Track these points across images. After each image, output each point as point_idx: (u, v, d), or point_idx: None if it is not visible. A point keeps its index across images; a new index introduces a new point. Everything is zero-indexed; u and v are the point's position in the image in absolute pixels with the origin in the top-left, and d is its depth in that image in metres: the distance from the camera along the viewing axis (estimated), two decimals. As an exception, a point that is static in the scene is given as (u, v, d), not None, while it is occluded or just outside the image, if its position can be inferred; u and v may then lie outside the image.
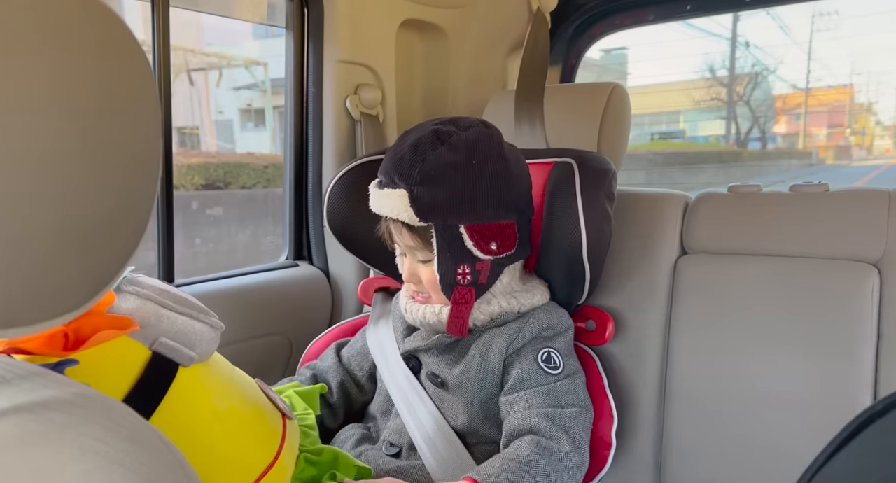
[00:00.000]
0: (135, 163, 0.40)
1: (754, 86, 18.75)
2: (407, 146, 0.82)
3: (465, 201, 0.80)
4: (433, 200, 0.79)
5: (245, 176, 5.70)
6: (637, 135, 17.60)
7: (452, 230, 0.81)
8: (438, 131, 0.81)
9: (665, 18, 1.50)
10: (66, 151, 0.35)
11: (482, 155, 0.81)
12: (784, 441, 0.92)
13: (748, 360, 0.95)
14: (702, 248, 1.03)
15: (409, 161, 0.80)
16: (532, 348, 0.86)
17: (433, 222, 0.81)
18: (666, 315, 1.01)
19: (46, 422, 0.29)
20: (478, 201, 0.81)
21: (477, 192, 0.80)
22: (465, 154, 0.80)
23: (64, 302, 0.36)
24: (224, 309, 1.11)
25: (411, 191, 0.79)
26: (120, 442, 0.30)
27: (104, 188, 0.38)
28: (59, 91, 0.34)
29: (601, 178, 0.92)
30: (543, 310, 0.90)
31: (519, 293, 0.89)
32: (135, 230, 0.40)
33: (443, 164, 0.79)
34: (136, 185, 0.40)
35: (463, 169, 0.80)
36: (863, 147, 22.01)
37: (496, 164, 0.82)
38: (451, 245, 0.82)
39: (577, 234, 0.89)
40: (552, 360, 0.86)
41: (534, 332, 0.87)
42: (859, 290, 0.90)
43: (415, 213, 0.80)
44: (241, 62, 8.32)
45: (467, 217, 0.81)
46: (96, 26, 0.37)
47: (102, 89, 0.37)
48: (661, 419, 1.01)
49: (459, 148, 0.80)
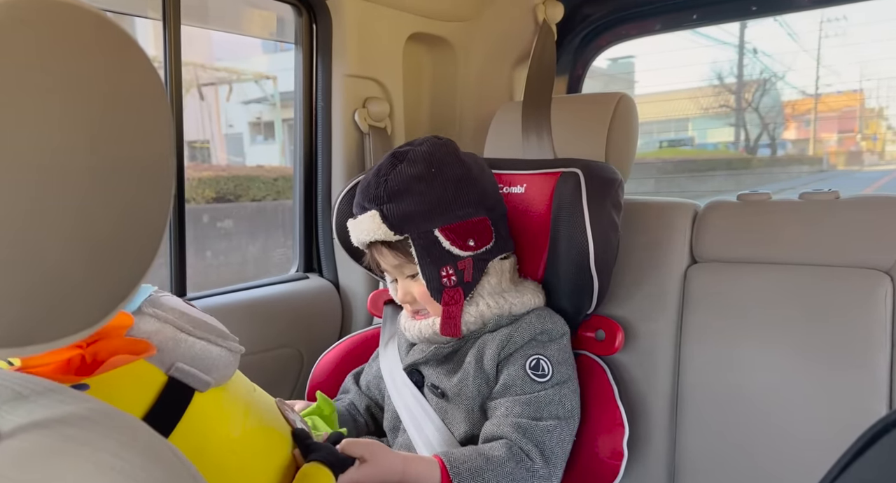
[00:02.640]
0: (148, 179, 0.40)
1: (763, 92, 18.68)
2: (371, 172, 0.88)
3: (433, 206, 0.84)
4: (403, 213, 0.83)
5: (255, 189, 5.73)
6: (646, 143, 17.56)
7: (428, 236, 0.84)
8: (395, 153, 0.88)
9: (671, 28, 1.50)
10: (80, 168, 0.35)
11: (440, 162, 0.86)
12: (798, 451, 0.91)
13: (760, 369, 0.94)
14: (712, 257, 1.02)
15: (374, 184, 0.85)
16: (523, 354, 0.86)
17: (408, 234, 0.84)
18: (677, 324, 1.01)
19: (63, 438, 0.29)
20: (445, 204, 0.85)
21: (443, 196, 0.84)
22: (425, 165, 0.85)
23: (79, 319, 0.37)
24: (236, 322, 1.11)
25: (381, 209, 0.84)
26: (135, 457, 0.30)
27: (118, 205, 0.38)
28: (74, 109, 0.35)
29: (607, 188, 0.92)
30: (537, 315, 0.90)
31: (507, 293, 0.90)
32: (149, 246, 0.41)
33: (405, 178, 0.84)
34: (149, 201, 0.41)
35: (425, 179, 0.84)
36: (874, 152, 21.83)
37: (455, 168, 0.87)
38: (431, 250, 0.84)
39: (584, 244, 0.89)
40: (541, 367, 0.86)
41: (526, 336, 0.87)
42: (872, 298, 0.90)
43: (388, 228, 0.83)
44: (250, 76, 8.40)
45: (439, 220, 0.84)
46: (109, 46, 0.38)
47: (115, 107, 0.38)
48: (673, 429, 1.00)
49: (417, 161, 0.85)
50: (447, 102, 1.45)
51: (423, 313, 0.91)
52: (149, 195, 0.41)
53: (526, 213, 0.96)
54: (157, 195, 0.41)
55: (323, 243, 1.32)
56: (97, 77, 0.36)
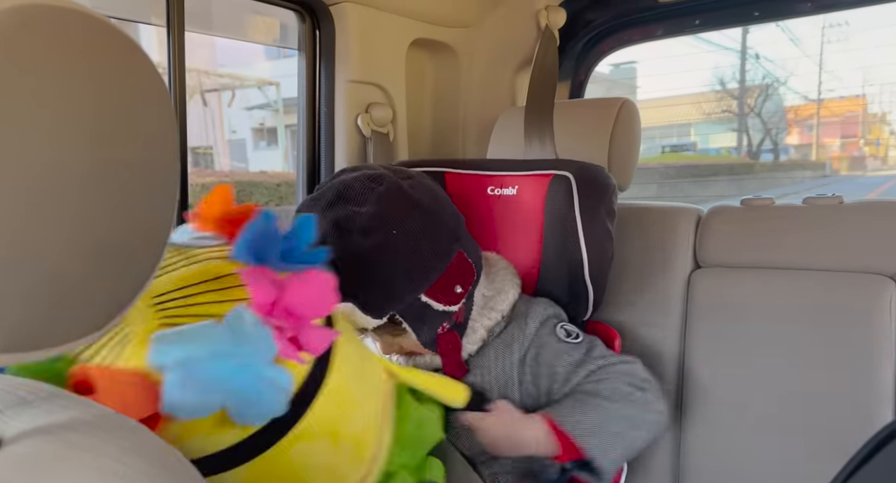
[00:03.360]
0: (153, 184, 0.40)
1: (765, 97, 18.69)
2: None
3: (411, 276, 0.73)
4: (379, 299, 0.72)
5: (258, 194, 5.75)
6: (648, 148, 17.58)
7: (416, 304, 0.75)
8: (335, 223, 0.71)
9: (674, 33, 1.51)
10: (84, 173, 0.35)
11: (397, 220, 0.72)
12: (804, 458, 0.90)
13: (765, 374, 0.93)
14: (715, 262, 1.02)
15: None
16: (546, 331, 0.83)
17: (395, 308, 0.74)
18: (680, 330, 1.01)
19: (66, 443, 0.29)
20: (421, 265, 0.73)
21: (416, 259, 0.73)
22: (381, 232, 0.71)
23: (83, 324, 0.37)
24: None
25: (358, 302, 0.71)
26: (139, 462, 0.30)
27: (122, 210, 0.38)
28: (78, 114, 0.35)
29: (601, 194, 0.90)
30: (536, 304, 0.86)
31: (491, 300, 0.84)
32: (153, 251, 0.41)
33: (363, 257, 0.70)
34: (154, 206, 0.41)
35: (386, 250, 0.71)
36: (877, 157, 21.82)
37: (414, 218, 0.73)
38: (423, 316, 0.76)
39: (577, 255, 0.87)
40: (569, 332, 0.84)
41: (535, 326, 0.84)
42: (877, 304, 0.89)
43: (373, 318, 0.73)
44: (253, 82, 8.43)
45: (422, 286, 0.74)
46: (114, 52, 0.38)
47: (120, 112, 0.38)
48: (677, 435, 1.00)
49: (370, 229, 0.71)
50: (450, 108, 1.45)
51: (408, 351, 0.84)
52: (153, 200, 0.41)
53: (518, 215, 0.95)
54: (162, 200, 0.41)
55: (326, 249, 1.32)
56: (102, 82, 0.37)
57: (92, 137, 0.36)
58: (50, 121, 0.33)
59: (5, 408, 0.31)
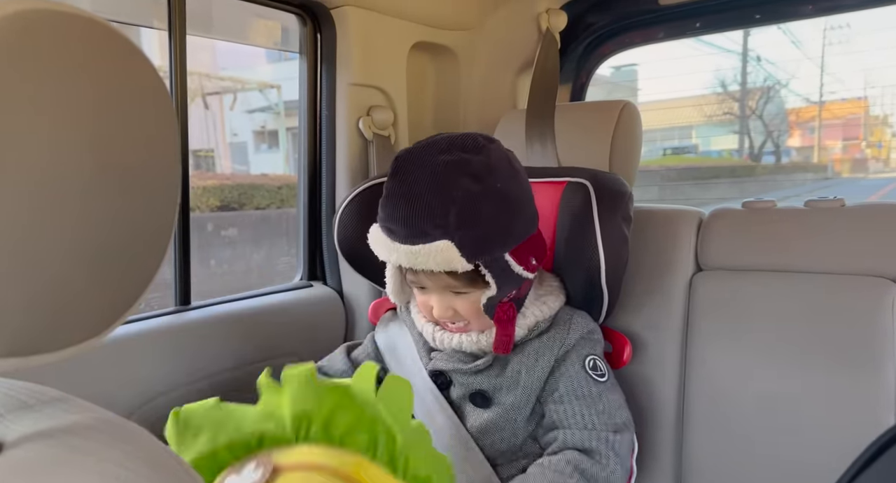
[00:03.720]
0: (154, 187, 0.40)
1: (767, 100, 18.69)
2: (426, 185, 0.74)
3: (504, 231, 0.77)
4: (478, 241, 0.75)
5: (259, 197, 5.75)
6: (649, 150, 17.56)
7: (500, 262, 0.78)
8: (450, 163, 0.75)
9: (675, 36, 1.51)
10: (85, 177, 0.35)
11: (504, 177, 0.78)
12: (806, 460, 0.90)
13: (767, 378, 0.93)
14: (717, 265, 1.02)
15: (439, 206, 0.73)
16: (578, 354, 0.85)
17: (484, 259, 0.77)
18: (683, 333, 1.00)
19: (68, 447, 0.29)
20: (512, 226, 0.78)
21: (510, 217, 0.78)
22: (490, 181, 0.75)
23: (85, 328, 0.37)
24: (240, 331, 1.12)
25: (454, 239, 0.73)
26: (141, 467, 0.30)
27: (123, 213, 0.38)
28: (79, 118, 0.35)
29: (618, 201, 0.91)
30: (581, 315, 0.89)
31: (544, 297, 0.88)
32: (155, 255, 0.41)
33: (473, 199, 0.74)
34: (155, 209, 0.41)
35: (492, 197, 0.75)
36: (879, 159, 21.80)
37: (513, 181, 0.79)
38: (503, 275, 0.78)
39: (595, 260, 0.87)
40: (598, 367, 0.85)
41: (577, 336, 0.85)
42: (879, 307, 0.89)
43: (466, 259, 0.74)
44: (254, 85, 8.45)
45: (510, 243, 0.78)
46: (115, 56, 0.38)
47: (121, 116, 0.38)
48: (679, 440, 0.99)
49: (482, 175, 0.75)
50: (451, 110, 1.46)
51: (460, 325, 0.86)
52: (154, 204, 0.41)
53: None
54: (163, 203, 0.41)
55: (327, 251, 1.32)
56: (103, 86, 0.37)
57: (93, 142, 0.36)
58: (51, 126, 0.33)
59: (6, 412, 0.31)
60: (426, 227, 0.74)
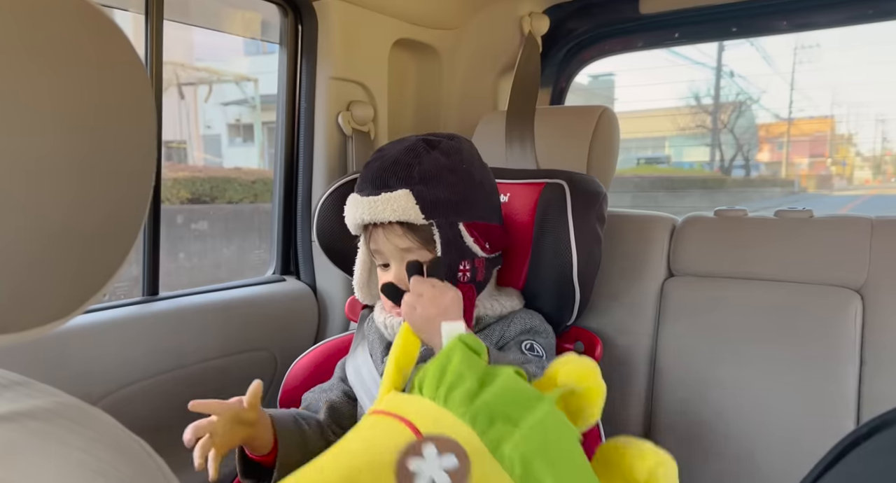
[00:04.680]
0: (129, 173, 0.40)
1: (738, 114, 19.10)
2: (398, 152, 0.84)
3: (463, 201, 0.83)
4: (436, 198, 0.81)
5: (232, 191, 5.67)
6: (624, 159, 17.81)
7: (453, 227, 0.83)
8: (426, 140, 0.85)
9: (653, 45, 1.53)
10: (60, 161, 0.35)
11: (470, 161, 0.86)
12: (769, 463, 0.92)
13: (733, 382, 0.95)
14: (688, 271, 1.04)
15: (405, 164, 0.82)
16: (516, 341, 0.87)
17: (436, 220, 0.82)
18: (653, 337, 1.02)
19: (28, 431, 0.28)
20: (473, 201, 0.85)
21: (472, 194, 0.85)
22: (457, 159, 0.84)
23: (50, 311, 0.36)
24: (208, 322, 1.10)
25: (413, 189, 0.81)
26: (103, 452, 0.29)
27: (97, 198, 0.37)
28: (56, 100, 0.34)
29: (592, 201, 0.93)
30: (524, 312, 0.91)
31: (498, 296, 0.91)
32: (125, 241, 0.40)
33: (439, 166, 0.82)
34: (129, 195, 0.40)
35: (457, 172, 0.84)
36: (843, 177, 22.45)
37: (481, 171, 0.88)
38: (454, 242, 0.83)
39: (567, 256, 0.89)
40: (535, 349, 0.86)
41: (517, 329, 0.88)
42: (842, 316, 0.91)
43: (420, 210, 0.81)
44: (231, 77, 8.34)
45: (465, 215, 0.84)
46: (96, 36, 0.37)
47: (98, 98, 0.37)
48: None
49: (451, 153, 0.84)
50: (431, 109, 1.45)
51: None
52: (127, 189, 0.40)
53: (508, 222, 0.97)
54: (136, 189, 0.41)
55: (301, 246, 1.30)
56: (82, 68, 0.36)
57: (67, 122, 0.35)
58: (23, 105, 0.33)
59: (-36, 395, 0.30)
60: (390, 181, 0.82)
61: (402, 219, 0.82)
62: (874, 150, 23.48)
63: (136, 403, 0.97)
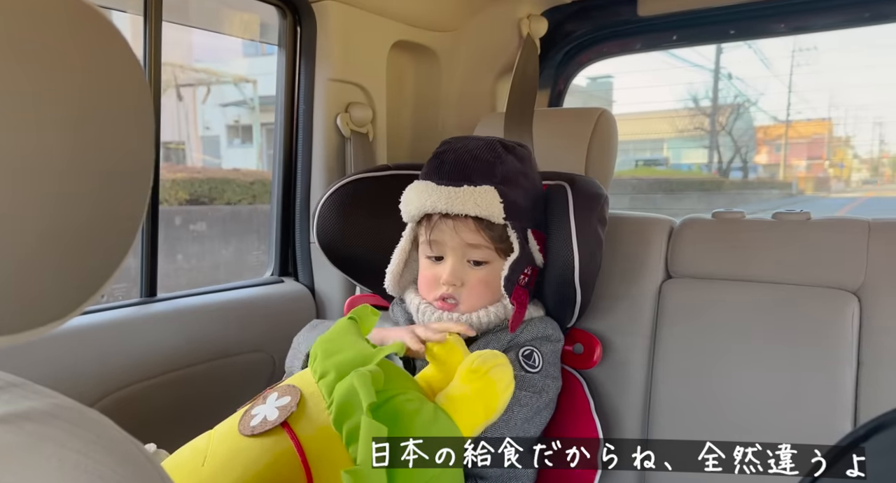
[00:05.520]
0: (127, 173, 0.39)
1: (736, 116, 19.12)
2: (476, 148, 0.83)
3: (533, 207, 0.86)
4: (514, 200, 0.82)
5: (230, 192, 5.66)
6: (622, 161, 17.80)
7: (524, 232, 0.85)
8: (501, 141, 0.86)
9: (651, 47, 1.53)
10: (57, 162, 0.34)
11: (535, 171, 0.89)
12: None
13: (730, 385, 0.95)
14: (686, 273, 1.04)
15: (486, 161, 0.82)
16: (519, 346, 0.87)
17: (512, 222, 0.82)
18: (651, 339, 1.02)
19: (25, 433, 0.28)
20: (537, 211, 0.87)
21: (538, 203, 0.87)
22: (529, 166, 0.87)
23: (49, 311, 0.36)
24: (206, 323, 1.10)
25: (498, 188, 0.81)
26: (100, 454, 0.29)
27: (95, 198, 0.37)
28: (53, 101, 0.34)
29: (594, 203, 0.93)
30: (540, 319, 0.91)
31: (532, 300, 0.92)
32: (123, 241, 0.40)
33: (516, 169, 0.84)
34: (126, 196, 0.40)
35: (530, 178, 0.86)
36: (841, 179, 22.51)
37: (541, 182, 0.90)
38: (524, 247, 0.85)
39: (569, 258, 0.89)
40: (533, 358, 0.86)
41: (529, 337, 0.88)
42: (839, 318, 0.92)
43: (503, 209, 0.80)
44: (229, 79, 8.33)
45: (532, 222, 0.86)
46: (94, 37, 0.37)
47: (96, 98, 0.37)
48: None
49: (524, 159, 0.86)
50: (430, 111, 1.46)
51: (452, 303, 0.86)
52: (126, 190, 0.40)
53: None
54: (135, 191, 0.41)
55: (300, 247, 1.30)
56: (81, 66, 0.36)
57: (65, 123, 0.35)
58: (20, 105, 0.32)
59: (-39, 396, 0.30)
60: (472, 175, 0.81)
61: (483, 215, 0.80)
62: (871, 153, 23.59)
63: (134, 405, 0.97)
